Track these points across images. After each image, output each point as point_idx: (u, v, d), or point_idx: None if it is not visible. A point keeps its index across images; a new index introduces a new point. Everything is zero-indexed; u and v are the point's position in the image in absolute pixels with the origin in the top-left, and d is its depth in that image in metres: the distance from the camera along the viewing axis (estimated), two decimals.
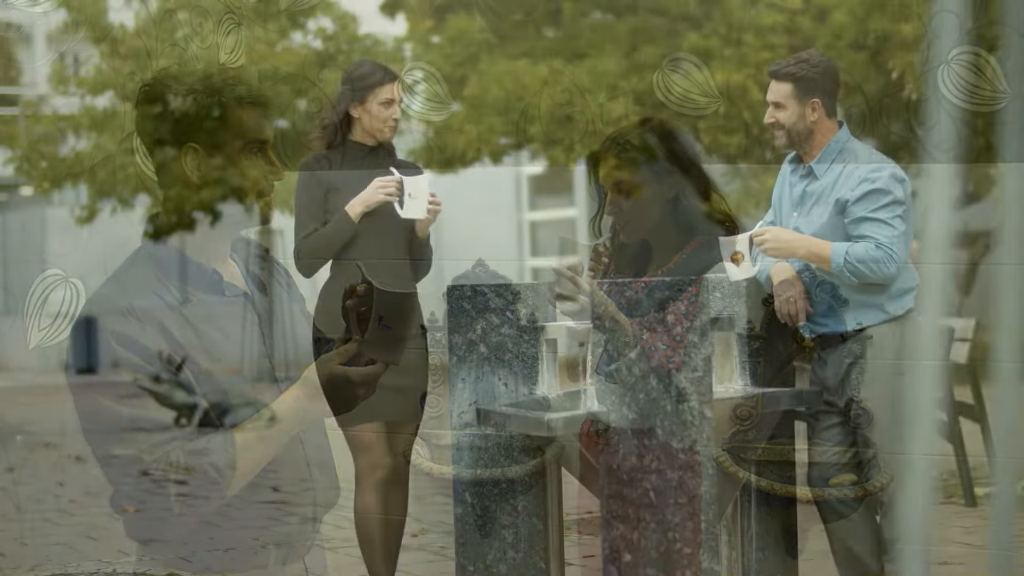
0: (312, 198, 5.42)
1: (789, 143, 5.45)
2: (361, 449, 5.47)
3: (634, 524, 4.52)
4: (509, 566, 5.18)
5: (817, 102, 5.38)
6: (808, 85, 5.38)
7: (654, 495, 4.48)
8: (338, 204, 5.43)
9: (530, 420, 4.52)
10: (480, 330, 5.12)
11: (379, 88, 5.48)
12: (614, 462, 4.54)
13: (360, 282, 2.98)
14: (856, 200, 5.28)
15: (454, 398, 5.17)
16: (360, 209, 5.37)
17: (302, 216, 5.44)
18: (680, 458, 4.48)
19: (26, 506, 8.83)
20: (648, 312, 4.43)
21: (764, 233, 5.24)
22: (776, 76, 5.44)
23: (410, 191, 5.48)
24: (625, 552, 4.55)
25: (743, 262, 5.16)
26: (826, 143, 5.39)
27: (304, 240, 5.41)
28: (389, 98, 5.51)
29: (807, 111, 5.39)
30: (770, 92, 5.46)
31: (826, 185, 5.38)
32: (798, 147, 5.45)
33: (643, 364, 4.33)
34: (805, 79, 5.37)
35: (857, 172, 5.29)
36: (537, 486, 5.18)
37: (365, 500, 5.48)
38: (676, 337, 4.36)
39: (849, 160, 5.33)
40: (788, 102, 5.40)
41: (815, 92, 5.38)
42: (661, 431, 4.48)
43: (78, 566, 6.89)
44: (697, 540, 4.51)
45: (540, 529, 5.20)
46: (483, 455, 5.18)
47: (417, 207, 5.49)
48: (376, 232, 5.48)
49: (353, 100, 5.45)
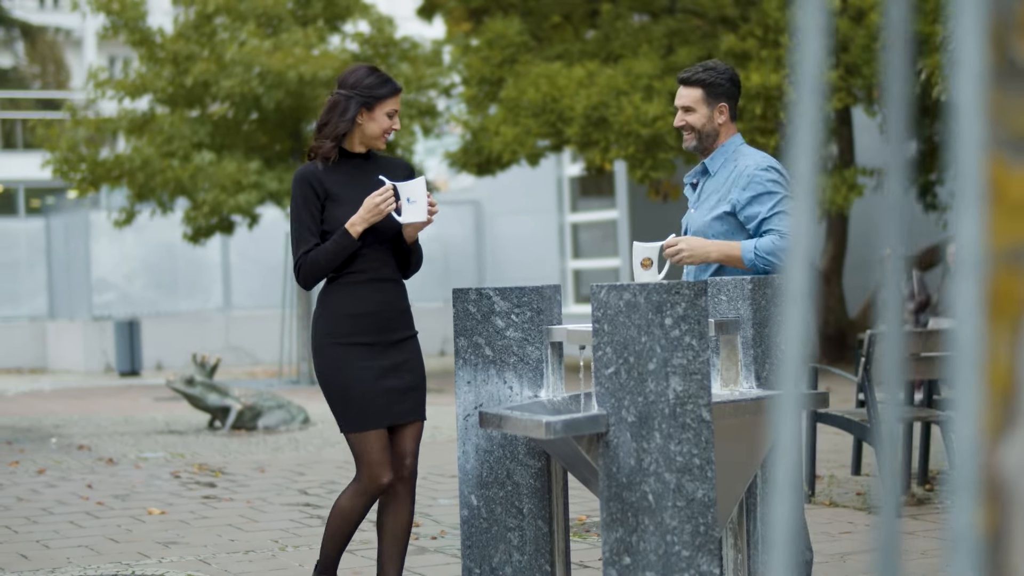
0: (311, 212, 5.39)
1: (699, 144, 5.70)
2: (366, 460, 5.45)
3: (632, 527, 4.51)
4: (515, 568, 5.19)
5: (724, 106, 5.67)
6: (716, 90, 5.65)
7: (652, 498, 4.47)
8: (336, 213, 5.41)
9: (532, 423, 4.51)
10: (485, 332, 5.13)
11: (390, 98, 5.46)
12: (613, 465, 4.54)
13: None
14: (749, 202, 5.56)
15: (459, 401, 5.18)
16: (361, 228, 5.35)
17: (302, 231, 5.40)
18: (678, 461, 4.47)
19: (53, 508, 8.90)
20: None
21: (677, 243, 5.50)
22: (687, 82, 5.69)
23: (408, 196, 5.44)
24: (624, 555, 4.55)
25: (650, 268, 5.54)
26: (723, 143, 5.71)
27: (305, 256, 5.40)
28: (394, 108, 5.52)
29: (715, 114, 5.66)
30: (680, 97, 5.70)
31: (719, 183, 5.66)
32: (706, 148, 5.71)
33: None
34: (714, 85, 5.65)
35: (746, 172, 5.59)
36: (542, 489, 5.18)
37: (355, 502, 5.49)
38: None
39: (738, 161, 5.64)
40: (698, 106, 5.66)
41: (722, 97, 5.66)
42: (660, 434, 4.47)
43: (97, 568, 6.94)
44: (696, 543, 4.50)
45: (545, 532, 5.20)
46: (488, 457, 5.19)
47: (417, 211, 5.45)
48: (368, 240, 5.45)
49: (362, 107, 5.42)
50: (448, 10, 19.65)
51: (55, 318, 25.32)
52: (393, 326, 5.48)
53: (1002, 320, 1.26)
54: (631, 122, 16.71)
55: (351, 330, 5.41)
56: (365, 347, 5.41)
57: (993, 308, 1.25)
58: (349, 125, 5.40)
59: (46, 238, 25.81)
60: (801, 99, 1.38)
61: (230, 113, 18.70)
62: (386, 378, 5.43)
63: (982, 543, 1.25)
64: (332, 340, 5.43)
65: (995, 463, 1.26)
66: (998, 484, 1.25)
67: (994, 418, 1.26)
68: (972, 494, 1.23)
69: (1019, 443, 1.25)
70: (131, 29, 18.50)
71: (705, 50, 17.71)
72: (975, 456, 1.24)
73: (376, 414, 5.41)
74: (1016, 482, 1.25)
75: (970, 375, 1.22)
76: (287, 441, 12.40)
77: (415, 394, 5.55)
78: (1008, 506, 1.25)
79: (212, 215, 18.37)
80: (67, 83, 40.80)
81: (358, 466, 5.46)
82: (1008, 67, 1.25)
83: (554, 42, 18.90)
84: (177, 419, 14.58)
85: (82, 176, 18.54)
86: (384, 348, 5.45)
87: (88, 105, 19.96)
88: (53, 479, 10.26)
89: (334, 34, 19.69)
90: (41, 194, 30.49)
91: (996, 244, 1.25)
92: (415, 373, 5.55)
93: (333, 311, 5.44)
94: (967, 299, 1.21)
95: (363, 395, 5.39)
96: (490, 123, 18.11)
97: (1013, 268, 1.26)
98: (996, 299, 1.25)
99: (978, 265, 1.22)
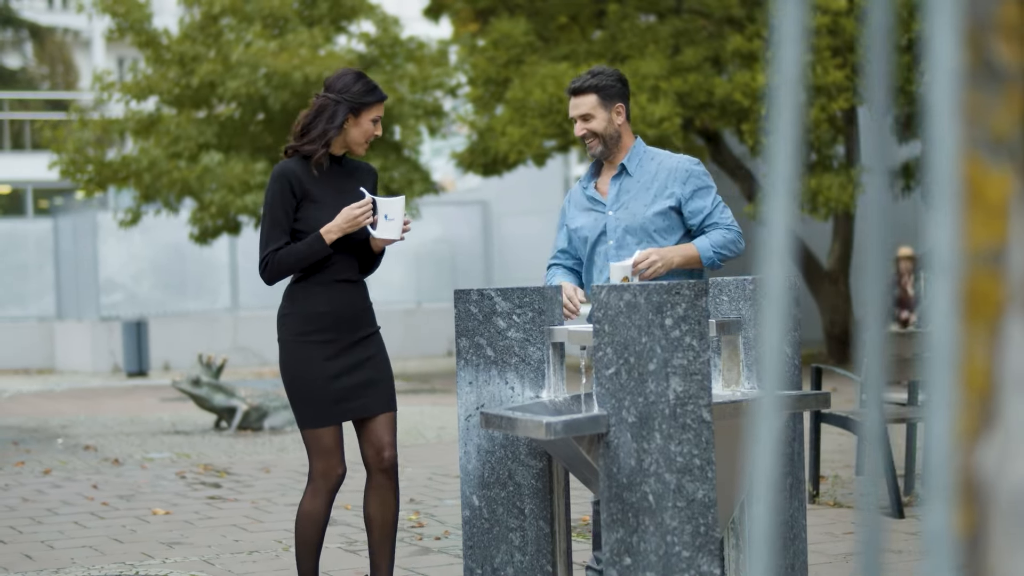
0: (286, 210, 5.45)
1: (605, 150, 5.77)
2: (319, 452, 5.51)
3: (633, 528, 4.51)
4: (516, 569, 5.19)
5: (621, 106, 5.74)
6: (609, 92, 5.71)
7: (653, 498, 4.47)
8: (311, 214, 5.45)
9: (533, 424, 4.51)
10: (487, 333, 5.14)
11: (375, 106, 5.53)
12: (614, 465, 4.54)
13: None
14: (691, 196, 5.68)
15: (461, 401, 5.19)
16: (336, 236, 5.43)
17: (273, 228, 5.46)
18: (679, 461, 4.47)
19: (58, 509, 8.91)
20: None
21: (649, 255, 5.54)
22: (579, 91, 5.74)
23: (386, 212, 5.51)
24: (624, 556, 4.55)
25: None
26: (631, 145, 5.78)
27: (274, 253, 5.44)
28: (379, 115, 5.60)
29: (613, 116, 5.72)
30: (574, 108, 5.76)
31: (645, 181, 5.73)
32: (612, 151, 5.78)
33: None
34: (605, 88, 5.70)
35: (681, 167, 5.70)
36: (544, 489, 5.19)
37: (316, 503, 5.54)
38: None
39: (654, 158, 5.74)
40: (596, 111, 5.72)
41: (616, 98, 5.73)
42: (660, 434, 4.47)
43: (101, 569, 6.94)
44: (696, 544, 4.50)
45: (547, 532, 5.20)
46: (490, 458, 5.19)
47: (393, 228, 5.51)
48: (337, 243, 5.52)
49: (349, 112, 5.49)
50: (455, 11, 19.65)
51: (63, 319, 25.35)
52: (355, 325, 5.57)
53: (979, 322, 1.26)
54: (637, 123, 16.69)
55: (313, 328, 5.49)
56: (326, 345, 5.50)
57: (970, 310, 1.25)
58: (338, 131, 5.47)
59: (54, 239, 25.85)
60: (780, 99, 1.38)
61: (236, 114, 18.71)
62: (345, 376, 5.51)
63: (960, 545, 1.25)
64: (294, 338, 5.52)
65: (973, 465, 1.26)
66: (976, 486, 1.25)
67: (971, 420, 1.26)
68: (946, 495, 1.23)
69: (997, 444, 1.25)
70: (137, 31, 18.52)
71: (711, 50, 17.71)
72: (949, 457, 1.24)
73: (329, 412, 5.49)
74: (994, 483, 1.25)
75: (944, 376, 1.22)
76: (293, 442, 12.41)
77: (379, 388, 5.61)
78: (986, 508, 1.25)
79: (219, 216, 18.38)
80: (76, 84, 40.85)
81: (311, 462, 5.55)
82: (985, 68, 1.25)
83: (560, 42, 18.90)
84: (183, 419, 14.59)
85: (89, 177, 18.55)
86: (347, 346, 5.54)
87: (96, 106, 19.99)
88: (59, 479, 10.27)
89: (340, 35, 19.70)
90: (49, 195, 30.54)
91: (973, 245, 1.25)
92: (379, 368, 5.61)
93: (297, 310, 5.53)
94: (941, 300, 1.21)
95: (317, 392, 5.48)
96: (496, 123, 18.11)
97: (991, 270, 1.26)
98: (973, 301, 1.25)
99: (953, 266, 1.22)
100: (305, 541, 5.56)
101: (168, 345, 23.34)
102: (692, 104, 17.30)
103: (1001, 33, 1.23)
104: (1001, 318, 1.26)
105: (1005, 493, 1.25)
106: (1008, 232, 1.26)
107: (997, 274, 1.25)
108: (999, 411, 1.25)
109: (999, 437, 1.25)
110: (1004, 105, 1.25)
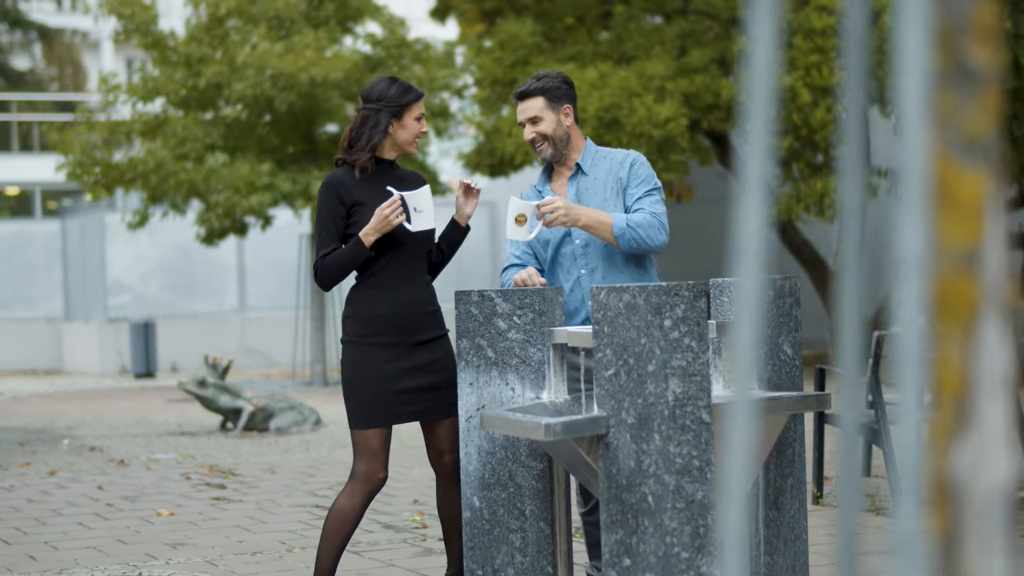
0: (335, 218, 5.60)
1: (555, 152, 5.78)
2: (364, 453, 5.53)
3: (632, 528, 4.51)
4: (517, 570, 5.20)
5: (568, 107, 5.77)
6: (556, 94, 5.74)
7: (652, 499, 4.47)
8: (364, 218, 5.60)
9: (532, 425, 4.51)
10: (487, 334, 5.14)
11: (415, 104, 5.64)
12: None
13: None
14: (630, 180, 5.72)
15: (462, 402, 5.20)
16: (373, 237, 5.53)
17: (324, 235, 5.63)
18: (678, 462, 4.47)
19: (63, 510, 8.93)
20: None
21: (555, 202, 5.54)
22: (525, 95, 5.78)
23: (415, 205, 5.61)
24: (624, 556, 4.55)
25: (524, 224, 5.62)
26: (583, 145, 5.81)
27: (323, 259, 5.58)
28: (421, 112, 5.69)
29: (562, 117, 5.75)
30: (522, 113, 5.78)
31: (599, 178, 5.76)
32: (562, 153, 5.80)
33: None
34: (552, 90, 5.74)
35: (629, 158, 5.76)
36: (544, 490, 5.19)
37: (351, 502, 5.56)
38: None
39: (607, 156, 5.79)
40: (544, 114, 5.74)
41: (563, 99, 5.76)
42: (659, 435, 4.47)
43: (104, 570, 6.95)
44: (695, 545, 4.50)
45: (547, 533, 5.20)
46: (491, 459, 5.20)
47: (426, 219, 5.63)
48: (388, 243, 5.61)
49: (392, 117, 5.61)
50: (461, 11, 19.65)
51: (71, 320, 25.38)
52: (418, 327, 5.64)
53: (953, 322, 1.26)
54: (643, 123, 16.70)
55: (373, 331, 5.57)
56: (386, 347, 5.57)
57: (944, 311, 1.25)
58: (383, 135, 5.60)
59: (62, 240, 25.88)
60: (753, 99, 1.38)
61: (243, 115, 18.72)
62: (404, 379, 5.57)
63: (934, 546, 1.25)
64: (355, 339, 5.61)
65: (947, 466, 1.26)
66: (950, 487, 1.25)
67: (946, 421, 1.26)
68: (917, 496, 1.23)
69: (971, 446, 1.25)
70: (143, 32, 18.53)
71: (718, 51, 17.71)
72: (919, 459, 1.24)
73: (381, 413, 5.54)
74: (968, 485, 1.25)
75: (914, 377, 1.22)
76: (298, 443, 12.42)
77: (440, 392, 5.67)
78: (960, 509, 1.25)
79: (225, 217, 18.39)
80: (84, 86, 40.89)
81: (355, 462, 5.58)
82: (958, 70, 1.25)
83: (567, 43, 18.89)
84: (189, 420, 14.60)
85: (95, 179, 18.57)
86: (408, 349, 5.60)
87: (102, 108, 20.00)
88: (64, 480, 10.28)
89: (346, 36, 19.70)
90: (57, 196, 30.58)
91: (947, 246, 1.25)
92: (443, 372, 5.66)
93: (358, 312, 5.62)
94: (910, 301, 1.21)
95: (370, 394, 5.53)
96: (503, 124, 18.11)
97: (964, 270, 1.26)
98: (947, 301, 1.25)
99: (922, 267, 1.22)
100: (330, 537, 5.60)
101: (176, 346, 23.36)
102: (699, 105, 17.30)
103: (974, 35, 1.24)
104: (976, 319, 1.27)
105: (979, 494, 1.25)
106: (982, 233, 1.26)
107: (972, 275, 1.25)
108: (974, 413, 1.25)
109: (974, 439, 1.25)
110: (978, 106, 1.25)
